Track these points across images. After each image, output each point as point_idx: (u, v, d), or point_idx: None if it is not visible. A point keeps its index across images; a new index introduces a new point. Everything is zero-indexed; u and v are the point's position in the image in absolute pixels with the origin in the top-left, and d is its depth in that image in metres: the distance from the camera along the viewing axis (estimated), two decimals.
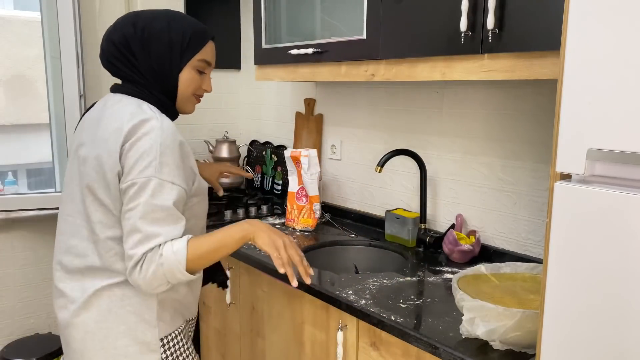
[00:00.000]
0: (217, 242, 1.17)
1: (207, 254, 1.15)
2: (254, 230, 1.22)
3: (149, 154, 1.11)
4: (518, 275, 1.24)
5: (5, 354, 2.27)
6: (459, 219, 1.74)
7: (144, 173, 1.10)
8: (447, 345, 1.13)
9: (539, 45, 1.16)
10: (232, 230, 1.20)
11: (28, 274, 2.45)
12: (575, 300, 0.82)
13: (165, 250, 1.10)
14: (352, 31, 1.64)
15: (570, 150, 0.82)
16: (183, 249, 1.10)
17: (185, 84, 1.25)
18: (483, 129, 1.68)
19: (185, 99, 1.28)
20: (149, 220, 1.10)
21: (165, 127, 1.14)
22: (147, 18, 1.22)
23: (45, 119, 2.54)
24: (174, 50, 1.21)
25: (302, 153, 1.98)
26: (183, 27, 1.22)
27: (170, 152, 1.13)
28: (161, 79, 1.23)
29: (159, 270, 1.10)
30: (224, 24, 2.60)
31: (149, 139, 1.12)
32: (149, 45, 1.20)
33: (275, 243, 1.22)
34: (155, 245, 1.10)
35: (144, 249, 1.09)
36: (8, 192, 2.67)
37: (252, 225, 1.22)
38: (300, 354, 1.59)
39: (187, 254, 1.11)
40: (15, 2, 4.50)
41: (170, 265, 1.10)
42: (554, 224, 0.84)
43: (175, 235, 1.12)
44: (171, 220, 1.12)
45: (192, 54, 1.23)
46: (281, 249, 1.22)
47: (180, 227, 1.13)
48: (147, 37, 1.20)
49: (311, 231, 1.99)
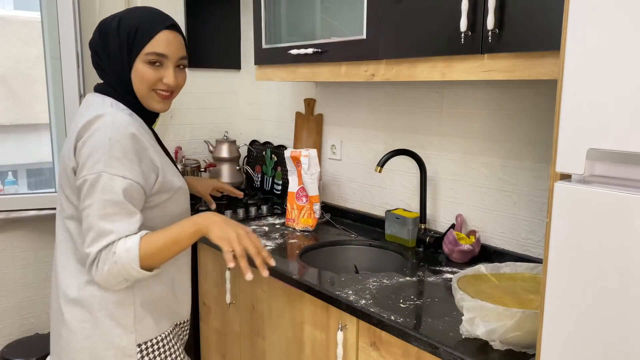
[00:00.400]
0: (169, 239, 1.13)
1: (160, 250, 1.12)
2: (207, 224, 1.16)
3: (98, 149, 1.10)
4: (518, 275, 1.24)
5: (5, 354, 2.27)
6: (459, 219, 1.74)
7: (94, 168, 1.10)
8: (447, 345, 1.13)
9: (538, 45, 1.16)
10: (184, 226, 1.16)
11: (28, 274, 2.45)
12: (575, 300, 0.82)
13: (118, 248, 1.08)
14: (352, 31, 1.64)
15: (570, 150, 0.82)
16: (135, 247, 1.09)
17: (138, 81, 1.21)
18: (483, 129, 1.68)
19: (144, 96, 1.23)
20: (101, 216, 1.09)
21: (116, 121, 1.13)
22: (106, 21, 1.23)
23: (45, 119, 2.55)
24: (123, 49, 1.19)
25: (302, 153, 1.98)
26: (131, 23, 1.19)
27: (120, 145, 1.11)
28: (120, 79, 1.22)
29: (113, 268, 1.09)
30: (224, 24, 2.60)
31: (99, 134, 1.11)
32: (107, 48, 1.20)
33: (228, 235, 1.15)
34: (109, 243, 1.09)
35: (98, 246, 1.09)
36: (8, 192, 2.68)
37: (205, 219, 1.17)
38: (300, 354, 1.59)
39: (139, 252, 1.09)
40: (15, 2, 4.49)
41: (124, 263, 1.08)
42: (554, 224, 0.84)
43: (129, 231, 1.10)
44: (124, 215, 1.10)
45: (140, 49, 1.19)
46: (234, 242, 1.15)
47: (135, 222, 1.12)
48: (104, 40, 1.21)
49: (311, 231, 1.99)
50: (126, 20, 1.20)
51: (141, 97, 1.23)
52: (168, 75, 1.22)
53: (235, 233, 1.16)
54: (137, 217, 1.13)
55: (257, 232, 1.98)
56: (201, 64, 2.55)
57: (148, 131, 1.26)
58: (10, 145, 4.20)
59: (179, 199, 1.27)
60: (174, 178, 1.26)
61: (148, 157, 1.17)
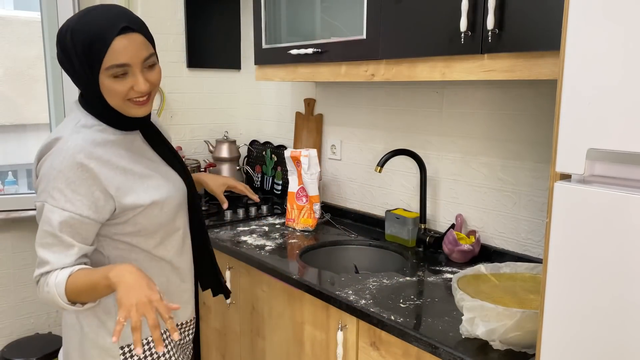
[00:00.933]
0: (88, 285, 1.09)
1: (82, 292, 1.09)
2: (117, 282, 1.04)
3: (46, 177, 1.10)
4: (518, 275, 1.24)
5: (5, 354, 2.27)
6: (459, 219, 1.74)
7: (40, 197, 1.11)
8: (447, 345, 1.13)
9: (539, 45, 1.16)
10: (101, 276, 1.07)
11: (28, 274, 2.45)
12: (575, 300, 0.82)
13: (50, 280, 1.09)
14: (352, 31, 1.64)
15: (570, 150, 0.82)
16: (62, 283, 1.08)
17: (109, 95, 1.13)
18: (483, 129, 1.68)
19: (120, 107, 1.15)
20: (41, 245, 1.11)
21: (66, 149, 1.10)
22: (61, 33, 1.12)
23: (45, 119, 2.55)
24: (84, 66, 1.10)
25: (302, 153, 1.98)
26: (83, 36, 1.08)
27: (63, 176, 1.08)
28: (91, 95, 1.15)
29: (47, 297, 1.11)
30: (224, 24, 2.60)
31: (49, 162, 1.11)
32: (71, 65, 1.12)
33: (127, 303, 1.01)
34: (44, 272, 1.11)
35: (37, 272, 1.12)
36: (8, 192, 2.68)
37: (117, 275, 1.05)
38: (300, 354, 1.59)
39: (65, 289, 1.08)
40: (15, 2, 4.49)
41: (53, 295, 1.09)
42: (554, 224, 0.84)
43: (64, 264, 1.10)
44: (61, 247, 1.10)
45: (99, 65, 1.09)
46: (132, 309, 1.00)
47: (72, 255, 1.10)
48: (66, 56, 1.12)
49: (311, 231, 1.99)
50: (78, 34, 1.09)
51: (118, 109, 1.15)
52: (138, 83, 1.12)
53: (136, 301, 1.01)
54: (74, 250, 1.11)
55: (257, 232, 1.98)
56: (201, 64, 2.55)
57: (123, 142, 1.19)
58: (10, 145, 4.20)
59: (151, 214, 1.20)
60: (143, 195, 1.18)
61: (99, 186, 1.11)
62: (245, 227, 2.03)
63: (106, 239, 1.19)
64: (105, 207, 1.13)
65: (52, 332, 2.51)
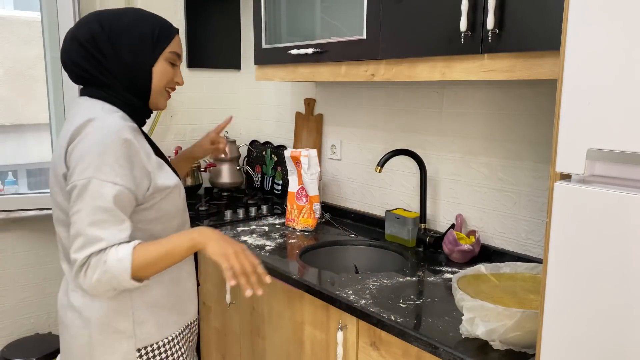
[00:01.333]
0: (164, 251, 1.11)
1: (154, 262, 1.10)
2: (203, 240, 1.14)
3: (89, 154, 1.08)
4: (518, 275, 1.24)
5: (5, 354, 2.27)
6: (459, 219, 1.74)
7: (84, 174, 1.07)
8: (447, 345, 1.13)
9: (538, 45, 1.16)
10: (181, 239, 1.14)
11: (28, 274, 2.45)
12: (575, 300, 0.82)
13: (110, 256, 1.06)
14: (352, 31, 1.64)
15: (570, 150, 0.82)
16: (128, 257, 1.06)
17: (159, 77, 1.23)
18: (483, 129, 1.68)
19: (159, 93, 1.25)
20: (90, 223, 1.06)
21: (107, 126, 1.11)
22: (112, 15, 1.21)
23: (45, 119, 2.55)
24: (146, 43, 1.20)
25: (302, 153, 1.98)
26: (150, 22, 1.22)
27: (111, 151, 1.08)
28: (134, 74, 1.20)
29: (103, 277, 1.06)
30: (224, 24, 2.60)
31: (90, 139, 1.09)
32: (118, 41, 1.18)
33: (226, 252, 1.14)
34: (98, 250, 1.06)
35: (86, 252, 1.06)
36: (8, 192, 2.68)
37: (201, 234, 1.15)
38: (300, 354, 1.59)
39: (132, 262, 1.06)
40: (15, 2, 4.50)
41: (115, 273, 1.06)
42: (554, 224, 0.84)
43: (119, 239, 1.08)
44: (114, 222, 1.08)
45: (164, 46, 1.22)
46: (232, 258, 1.13)
47: (125, 229, 1.09)
48: (116, 33, 1.18)
49: (311, 231, 1.99)
50: (144, 19, 1.22)
51: (154, 94, 1.25)
52: (179, 75, 1.29)
53: (233, 250, 1.15)
54: (127, 225, 1.10)
55: (257, 232, 1.98)
56: (201, 64, 2.55)
57: (140, 133, 1.24)
58: (10, 145, 4.20)
59: (174, 198, 1.25)
60: (168, 178, 1.22)
61: (140, 162, 1.14)
62: (245, 227, 2.03)
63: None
64: (142, 185, 1.14)
65: (52, 332, 2.51)
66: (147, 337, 1.21)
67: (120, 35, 1.18)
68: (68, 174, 1.11)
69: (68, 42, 1.20)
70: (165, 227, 1.23)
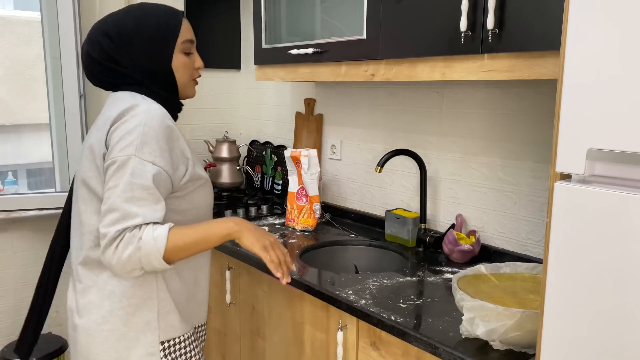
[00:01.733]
0: (199, 236, 1.12)
1: (188, 245, 1.11)
2: (240, 229, 1.16)
3: (131, 133, 1.09)
4: (518, 275, 1.24)
5: (5, 354, 2.27)
6: (459, 219, 1.74)
7: (125, 151, 1.08)
8: (447, 345, 1.13)
9: (539, 45, 1.16)
10: (217, 226, 1.16)
11: (28, 274, 2.45)
12: (575, 300, 0.82)
13: (146, 234, 1.06)
14: (352, 31, 1.64)
15: (570, 150, 0.82)
16: (164, 237, 1.06)
17: (181, 71, 1.24)
18: (483, 129, 1.68)
19: (185, 85, 1.27)
20: (127, 199, 1.06)
21: (152, 109, 1.13)
22: (116, 21, 1.20)
23: (45, 119, 2.54)
24: (156, 43, 1.20)
25: (302, 153, 1.98)
26: (154, 17, 1.21)
27: (154, 132, 1.10)
28: (156, 75, 1.21)
29: (135, 254, 1.05)
30: (224, 24, 2.60)
31: (134, 120, 1.10)
32: (130, 49, 1.18)
33: (264, 244, 1.18)
34: (132, 225, 1.06)
35: (119, 226, 1.05)
36: (8, 192, 2.68)
37: (237, 224, 1.17)
38: (300, 354, 1.59)
39: (167, 243, 1.06)
40: (15, 2, 4.50)
41: (148, 251, 1.05)
42: (554, 224, 0.84)
43: (154, 218, 1.08)
44: (151, 200, 1.08)
45: (174, 39, 1.22)
46: (270, 250, 1.19)
47: (160, 210, 1.10)
48: (125, 42, 1.18)
49: (311, 231, 1.99)
50: (148, 16, 1.20)
51: (181, 87, 1.26)
52: (199, 60, 1.30)
53: (269, 242, 1.19)
54: (162, 205, 1.10)
55: None
56: None
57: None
58: (10, 145, 4.20)
59: (205, 191, 1.26)
60: (201, 169, 1.25)
61: (179, 148, 1.16)
62: None
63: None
64: (178, 171, 1.16)
65: (52, 332, 2.51)
66: (170, 329, 1.21)
67: (131, 42, 1.18)
68: (107, 152, 1.12)
69: (86, 60, 1.22)
70: (194, 220, 1.22)
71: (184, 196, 1.19)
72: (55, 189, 2.50)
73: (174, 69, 1.23)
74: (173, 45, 1.22)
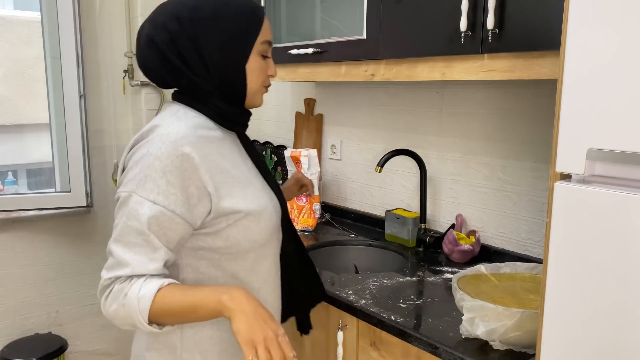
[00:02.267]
0: (187, 304, 0.93)
1: (173, 312, 0.93)
2: (233, 307, 0.91)
3: (137, 164, 0.95)
4: (518, 275, 1.24)
5: (5, 354, 2.27)
6: (459, 219, 1.74)
7: (127, 187, 0.95)
8: (447, 345, 1.13)
9: (539, 45, 1.16)
10: (208, 296, 0.93)
11: (28, 274, 2.45)
12: (575, 300, 0.82)
13: (131, 291, 0.92)
14: (352, 31, 1.64)
15: (570, 150, 0.82)
16: (149, 299, 0.91)
17: (255, 75, 1.05)
18: (483, 129, 1.68)
19: (255, 92, 1.08)
20: (121, 243, 0.94)
21: (167, 134, 0.96)
22: (189, 6, 1.00)
23: (45, 119, 2.55)
24: (234, 39, 1.01)
25: (302, 153, 1.98)
26: (234, 8, 1.02)
27: (160, 164, 0.93)
28: (223, 78, 1.03)
29: (120, 311, 0.93)
30: None
31: (145, 148, 0.96)
32: (201, 41, 1.00)
33: (254, 338, 0.89)
34: (123, 276, 0.93)
35: (112, 274, 0.94)
36: (8, 192, 2.68)
37: (232, 299, 0.92)
38: (300, 354, 1.59)
39: (151, 305, 0.91)
40: (15, 2, 4.50)
41: (131, 310, 0.91)
42: (554, 224, 0.84)
43: (147, 270, 0.93)
44: (146, 247, 0.93)
45: (255, 37, 1.03)
46: (260, 347, 0.88)
47: (157, 261, 0.94)
48: (196, 30, 0.99)
49: (311, 231, 1.99)
50: (228, 6, 1.02)
51: (250, 94, 1.07)
52: (272, 67, 1.10)
53: (263, 336, 0.90)
54: (160, 255, 0.94)
55: None
56: None
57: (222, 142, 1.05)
58: (10, 145, 4.20)
59: (249, 226, 1.02)
60: (243, 200, 1.02)
61: (198, 180, 0.96)
62: None
63: (188, 255, 1.02)
64: (198, 208, 0.96)
65: (52, 332, 2.51)
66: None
67: (204, 31, 0.99)
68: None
69: (144, 47, 1.02)
70: (237, 260, 1.04)
71: (215, 233, 1.00)
72: (55, 189, 2.50)
73: (247, 72, 1.04)
74: (252, 44, 1.03)
